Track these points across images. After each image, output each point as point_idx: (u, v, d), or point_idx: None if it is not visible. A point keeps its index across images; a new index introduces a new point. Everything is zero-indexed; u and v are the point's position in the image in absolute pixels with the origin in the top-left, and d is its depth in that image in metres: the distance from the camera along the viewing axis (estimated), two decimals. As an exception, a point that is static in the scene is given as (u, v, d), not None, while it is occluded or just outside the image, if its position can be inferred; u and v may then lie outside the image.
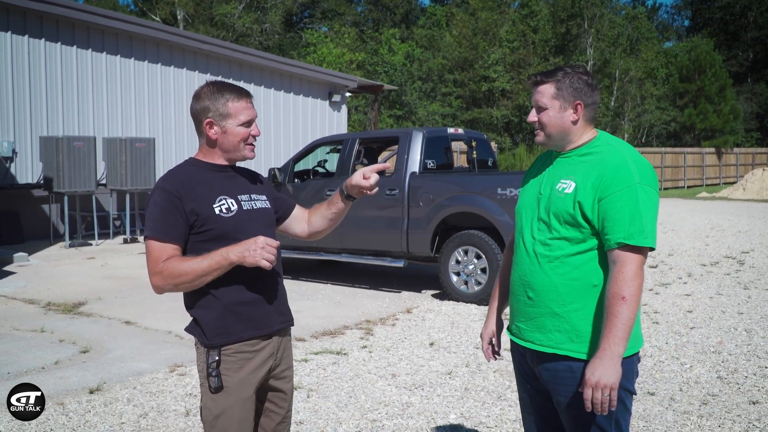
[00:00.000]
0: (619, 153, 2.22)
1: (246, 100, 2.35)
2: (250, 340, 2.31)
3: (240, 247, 2.18)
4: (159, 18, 36.69)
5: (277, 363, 2.41)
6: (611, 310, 2.09)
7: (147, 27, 13.97)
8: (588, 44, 38.21)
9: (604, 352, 2.08)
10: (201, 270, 2.19)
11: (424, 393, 4.72)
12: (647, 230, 2.12)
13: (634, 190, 2.13)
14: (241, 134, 2.35)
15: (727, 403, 4.49)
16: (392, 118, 37.25)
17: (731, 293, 8.07)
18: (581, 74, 2.28)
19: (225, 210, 2.30)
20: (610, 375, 2.07)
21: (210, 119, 2.32)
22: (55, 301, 7.56)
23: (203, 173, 2.36)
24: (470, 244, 7.62)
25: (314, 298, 8.05)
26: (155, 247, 2.24)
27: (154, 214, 2.27)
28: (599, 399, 2.07)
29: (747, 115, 44.10)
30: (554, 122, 2.28)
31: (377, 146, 9.90)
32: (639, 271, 2.11)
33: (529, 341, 2.33)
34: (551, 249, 2.25)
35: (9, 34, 11.79)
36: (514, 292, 2.39)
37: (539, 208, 2.31)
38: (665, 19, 61.13)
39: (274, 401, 2.45)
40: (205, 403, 2.30)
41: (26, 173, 12.22)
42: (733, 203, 23.32)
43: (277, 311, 2.40)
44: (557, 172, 2.31)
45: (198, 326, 2.31)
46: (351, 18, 47.72)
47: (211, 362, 2.26)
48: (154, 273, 2.23)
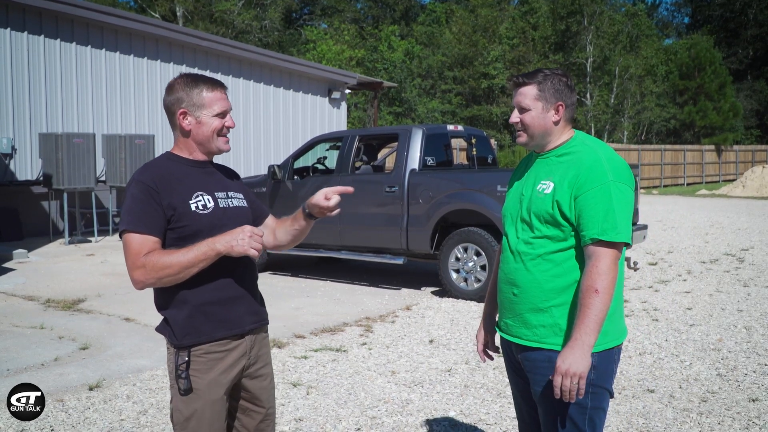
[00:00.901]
0: (594, 152, 2.29)
1: (220, 91, 2.31)
2: (221, 340, 2.27)
3: (227, 236, 2.15)
4: (158, 15, 36.62)
5: (251, 362, 2.37)
6: (584, 302, 2.16)
7: (146, 24, 13.93)
8: (588, 41, 38.16)
9: (576, 341, 2.15)
10: (187, 261, 2.14)
11: (424, 390, 4.72)
12: (620, 226, 2.18)
13: (608, 188, 2.20)
14: (215, 125, 2.31)
15: (726, 400, 4.49)
16: (392, 115, 37.23)
17: (731, 290, 8.08)
18: (561, 76, 2.34)
19: (201, 207, 2.27)
20: (579, 364, 2.13)
21: (184, 109, 2.28)
22: (54, 298, 7.56)
23: (180, 168, 2.31)
24: (470, 241, 7.61)
25: (314, 295, 8.05)
26: (135, 241, 2.18)
27: (131, 207, 2.21)
28: (568, 386, 2.14)
29: (747, 113, 44.07)
30: (537, 123, 2.34)
31: (377, 143, 9.89)
32: (613, 266, 2.17)
33: (516, 336, 2.40)
34: (534, 247, 2.32)
35: (8, 31, 11.76)
36: (501, 290, 2.47)
37: (522, 208, 2.38)
38: (665, 16, 61.12)
39: (253, 400, 2.41)
40: (176, 405, 2.26)
41: (25, 170, 12.20)
42: (733, 200, 23.32)
43: (250, 311, 2.36)
44: (537, 173, 2.39)
45: (168, 326, 2.26)
46: (350, 15, 47.63)
47: (180, 364, 2.22)
48: (136, 267, 2.16)
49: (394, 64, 37.51)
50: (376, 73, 35.93)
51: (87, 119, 12.91)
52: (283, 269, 9.70)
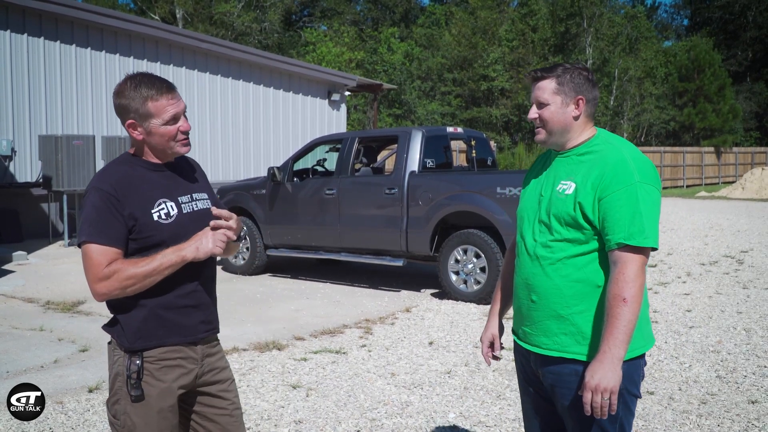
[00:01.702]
0: (619, 151, 2.17)
1: (167, 96, 2.16)
2: (174, 346, 2.20)
3: (192, 242, 2.12)
4: (158, 16, 36.65)
5: (204, 370, 2.28)
6: (612, 312, 2.05)
7: (146, 26, 13.95)
8: (587, 43, 38.20)
9: (605, 354, 2.04)
10: (153, 269, 2.08)
11: (424, 392, 4.72)
12: (648, 230, 2.07)
13: (634, 189, 2.09)
14: (169, 133, 2.17)
15: (726, 402, 4.49)
16: (391, 117, 37.24)
17: (730, 292, 8.08)
18: (581, 70, 2.24)
19: (165, 215, 2.17)
20: (610, 378, 2.02)
21: (132, 120, 2.15)
22: (54, 300, 7.56)
23: (141, 172, 2.20)
24: (469, 243, 7.62)
25: (313, 297, 8.05)
26: (95, 252, 2.07)
27: (91, 217, 2.10)
28: (599, 403, 2.04)
29: (746, 115, 44.10)
30: (556, 118, 2.22)
31: (376, 145, 9.90)
32: (640, 272, 2.07)
33: (535, 345, 2.29)
34: (553, 251, 2.21)
35: (8, 33, 11.77)
36: (518, 296, 2.34)
37: (540, 209, 2.27)
38: (664, 18, 61.15)
39: (213, 404, 2.32)
40: (124, 409, 2.16)
41: (25, 172, 12.20)
42: (732, 202, 23.33)
43: (204, 319, 2.28)
44: (557, 172, 2.27)
45: (119, 328, 2.18)
46: (350, 17, 47.67)
47: (133, 371, 2.13)
48: (99, 279, 2.07)
49: (393, 66, 37.53)
50: (375, 75, 35.96)
51: (87, 121, 12.92)
52: (282, 271, 9.70)
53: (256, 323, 6.71)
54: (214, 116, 15.13)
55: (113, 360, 2.22)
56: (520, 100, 37.31)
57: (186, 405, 2.30)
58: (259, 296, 8.07)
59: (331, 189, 8.56)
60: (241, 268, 9.44)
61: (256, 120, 16.02)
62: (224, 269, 9.60)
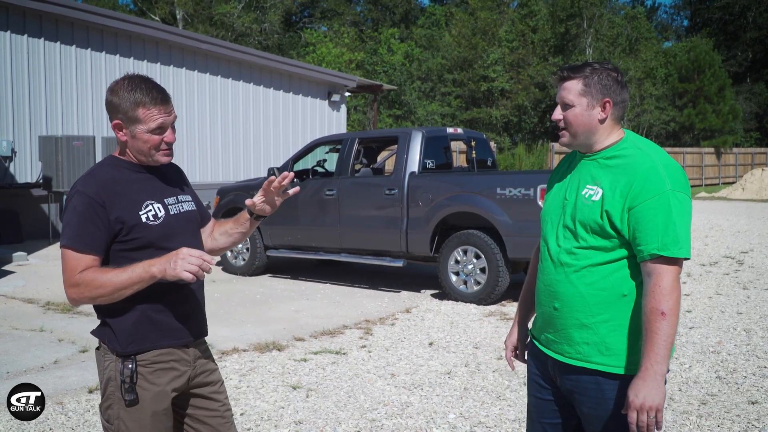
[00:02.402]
0: (649, 157, 2.08)
1: (158, 108, 2.14)
2: (167, 348, 2.20)
3: (162, 260, 2.05)
4: (158, 17, 36.67)
5: (196, 372, 2.29)
6: (651, 327, 1.97)
7: (146, 27, 13.95)
8: (587, 44, 38.21)
9: (647, 372, 1.97)
10: (120, 283, 2.06)
11: (424, 393, 4.72)
12: (682, 240, 2.00)
13: (666, 198, 2.00)
14: (152, 141, 2.16)
15: (726, 403, 4.49)
16: (391, 118, 37.24)
17: (730, 293, 8.08)
18: (611, 71, 2.15)
19: (152, 217, 2.17)
20: (655, 396, 1.95)
21: (118, 121, 2.14)
22: (54, 301, 7.56)
23: (126, 174, 2.19)
24: (469, 243, 7.62)
25: (313, 297, 8.05)
26: (71, 257, 2.10)
27: (72, 221, 2.10)
28: (645, 422, 1.96)
29: (746, 115, 44.09)
30: (581, 120, 2.15)
31: (376, 146, 9.90)
32: (676, 284, 1.99)
33: (557, 353, 2.24)
34: (578, 258, 2.14)
35: (8, 34, 11.77)
36: (540, 302, 2.29)
37: (564, 214, 2.20)
38: (664, 19, 61.15)
39: (205, 406, 2.33)
40: (118, 413, 2.15)
41: (25, 173, 12.21)
42: (732, 203, 23.34)
43: (195, 322, 2.29)
44: (582, 176, 2.19)
45: (110, 332, 2.18)
46: (350, 18, 47.70)
47: (126, 375, 2.13)
48: (71, 285, 2.09)
49: (393, 67, 37.54)
50: (375, 76, 35.95)
51: (87, 122, 12.92)
52: (282, 272, 9.70)
53: (256, 324, 6.71)
54: (213, 117, 15.13)
55: (104, 365, 2.21)
56: (519, 100, 37.32)
57: (178, 408, 2.30)
58: (259, 297, 8.07)
59: (331, 190, 8.57)
60: (241, 268, 9.44)
61: (256, 121, 16.02)
62: (224, 270, 9.60)
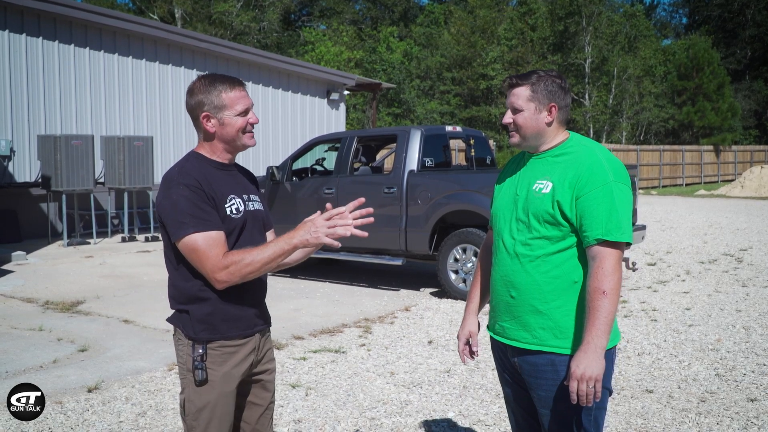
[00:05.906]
0: (593, 152, 2.30)
1: (239, 89, 2.32)
2: (234, 338, 2.32)
3: (300, 230, 2.17)
4: (157, 16, 36.63)
5: (258, 358, 2.42)
6: (593, 305, 2.16)
7: (145, 25, 13.94)
8: (586, 42, 38.18)
9: (588, 345, 2.15)
10: (268, 258, 2.19)
11: (423, 391, 4.72)
12: (624, 226, 2.20)
13: (610, 189, 2.21)
14: (239, 124, 2.32)
15: (725, 400, 4.50)
16: (390, 116, 37.25)
17: (729, 291, 8.08)
18: (555, 78, 2.34)
19: (235, 210, 2.30)
20: (594, 367, 2.13)
21: (206, 113, 2.29)
22: (53, 300, 7.55)
23: (211, 171, 2.32)
24: (468, 242, 7.62)
25: (313, 296, 8.05)
26: (205, 241, 2.17)
27: (186, 209, 2.18)
28: (584, 391, 2.14)
29: (745, 113, 44.10)
30: (529, 124, 2.34)
31: (375, 144, 9.90)
32: (617, 266, 2.19)
33: (513, 339, 2.38)
34: (532, 248, 2.31)
35: (6, 33, 11.76)
36: (497, 292, 2.44)
37: (517, 208, 2.37)
38: (663, 17, 61.18)
39: (257, 394, 2.47)
40: (188, 396, 2.30)
41: (24, 172, 12.20)
42: (732, 201, 23.34)
43: (260, 314, 2.43)
44: (532, 172, 2.38)
45: (186, 318, 2.29)
46: (349, 16, 47.66)
47: (197, 356, 2.25)
48: (220, 268, 2.16)
49: (392, 65, 37.53)
50: (374, 75, 35.94)
51: (85, 121, 12.91)
52: (282, 270, 9.67)
53: (255, 323, 6.70)
54: (213, 116, 15.09)
55: (179, 348, 2.35)
56: (519, 99, 37.21)
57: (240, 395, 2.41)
58: (259, 296, 8.06)
59: (330, 188, 8.56)
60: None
61: (254, 109, 15.99)
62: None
